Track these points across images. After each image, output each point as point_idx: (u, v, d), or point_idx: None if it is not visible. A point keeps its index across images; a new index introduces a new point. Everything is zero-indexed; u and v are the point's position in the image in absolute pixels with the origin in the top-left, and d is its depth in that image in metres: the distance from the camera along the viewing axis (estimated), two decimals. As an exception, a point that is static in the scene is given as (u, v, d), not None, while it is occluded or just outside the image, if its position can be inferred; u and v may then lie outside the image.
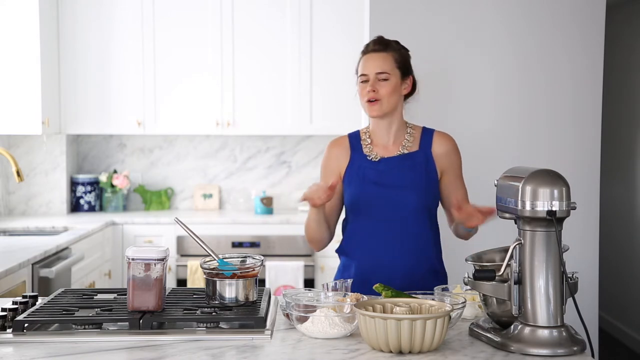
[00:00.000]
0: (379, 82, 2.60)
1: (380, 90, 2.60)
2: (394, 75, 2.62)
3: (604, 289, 5.46)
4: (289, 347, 1.97)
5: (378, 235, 2.63)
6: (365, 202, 2.63)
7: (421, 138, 2.68)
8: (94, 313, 2.16)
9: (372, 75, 2.61)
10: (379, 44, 2.65)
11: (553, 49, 3.61)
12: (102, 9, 5.33)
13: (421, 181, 2.63)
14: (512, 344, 1.93)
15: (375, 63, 2.61)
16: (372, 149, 2.67)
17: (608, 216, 5.76)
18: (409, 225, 2.62)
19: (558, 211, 1.93)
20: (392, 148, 2.67)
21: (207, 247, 2.30)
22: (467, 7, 3.60)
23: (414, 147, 2.67)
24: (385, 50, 2.63)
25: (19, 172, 3.82)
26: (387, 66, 2.61)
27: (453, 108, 3.61)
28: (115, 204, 5.56)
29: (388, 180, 2.62)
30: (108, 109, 5.37)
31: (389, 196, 2.61)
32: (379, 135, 2.68)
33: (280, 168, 5.78)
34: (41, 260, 3.74)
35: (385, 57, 2.62)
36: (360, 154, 2.67)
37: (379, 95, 2.60)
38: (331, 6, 5.33)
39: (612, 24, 5.54)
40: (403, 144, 2.66)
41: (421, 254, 2.65)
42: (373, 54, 2.64)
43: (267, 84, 5.39)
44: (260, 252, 5.08)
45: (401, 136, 2.68)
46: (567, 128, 3.64)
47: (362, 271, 2.63)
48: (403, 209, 2.61)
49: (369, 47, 2.67)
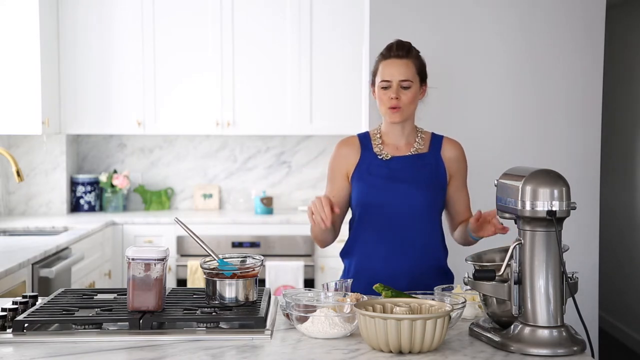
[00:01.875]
0: (401, 90, 2.60)
1: (403, 97, 2.59)
2: (415, 82, 2.62)
3: (604, 289, 5.46)
4: (289, 347, 1.97)
5: (387, 233, 2.62)
6: (376, 200, 2.62)
7: (431, 142, 2.70)
8: (94, 313, 2.16)
9: (395, 82, 2.59)
10: (401, 49, 2.62)
11: (553, 49, 3.61)
12: (102, 9, 5.33)
13: (432, 180, 2.64)
14: (512, 344, 1.93)
15: (399, 70, 2.59)
16: (382, 148, 2.67)
17: (608, 216, 5.76)
18: (420, 222, 2.62)
19: (558, 211, 1.93)
20: (404, 149, 2.67)
21: (207, 247, 2.30)
22: (467, 8, 3.60)
23: (425, 149, 2.68)
24: (407, 56, 2.62)
25: (19, 172, 3.82)
26: (410, 74, 2.60)
27: (453, 108, 3.61)
28: (115, 204, 5.56)
29: (399, 176, 2.61)
30: (108, 109, 5.37)
31: (400, 190, 2.60)
32: (391, 136, 2.69)
33: (280, 168, 5.79)
34: (41, 260, 3.74)
35: (407, 64, 2.61)
36: (371, 152, 2.67)
37: (400, 103, 2.59)
38: (331, 6, 5.33)
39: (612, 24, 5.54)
40: (414, 146, 2.67)
41: (431, 253, 2.65)
42: (396, 60, 2.61)
43: (267, 84, 5.39)
44: (260, 252, 5.08)
45: (412, 139, 2.69)
46: (567, 128, 3.64)
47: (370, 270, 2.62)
48: (414, 204, 2.60)
49: (391, 51, 2.63)
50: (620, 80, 5.91)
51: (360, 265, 2.67)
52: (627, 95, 5.83)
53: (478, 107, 3.63)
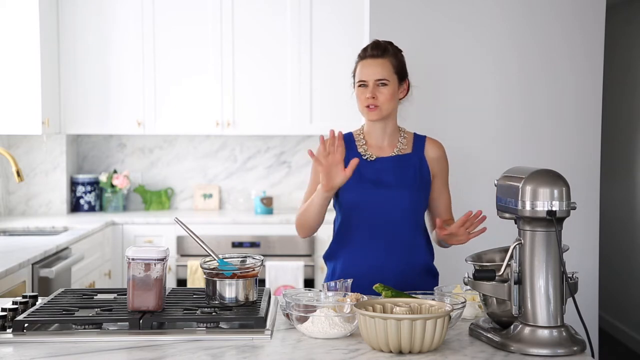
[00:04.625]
0: (377, 88, 2.62)
1: (379, 96, 2.62)
2: (392, 81, 2.63)
3: (604, 289, 5.46)
4: (289, 347, 1.97)
5: (375, 234, 2.64)
6: (365, 202, 2.64)
7: (414, 142, 2.72)
8: (94, 313, 2.16)
9: (371, 81, 2.62)
10: (376, 49, 2.65)
11: (553, 49, 3.61)
12: (102, 9, 5.33)
13: (415, 182, 2.66)
14: (512, 344, 1.93)
15: (374, 70, 2.62)
16: (367, 149, 2.69)
17: (608, 216, 5.76)
18: (406, 223, 2.64)
19: (558, 211, 1.93)
20: (387, 149, 2.70)
21: (207, 247, 2.30)
22: (467, 8, 3.60)
23: (408, 149, 2.71)
24: (383, 56, 2.64)
25: (19, 172, 3.82)
26: (386, 73, 2.62)
27: (453, 108, 3.61)
28: (115, 204, 5.56)
29: (385, 180, 2.64)
30: (108, 109, 5.37)
31: (387, 195, 2.63)
32: (374, 136, 2.71)
33: (280, 168, 5.78)
34: (41, 260, 3.74)
35: (383, 64, 2.63)
36: (355, 153, 2.68)
37: (377, 102, 2.62)
38: (331, 6, 5.33)
39: (612, 24, 5.54)
40: (397, 146, 2.70)
41: (417, 253, 2.67)
42: (371, 59, 2.64)
43: (267, 84, 5.39)
44: (260, 252, 5.08)
45: (395, 138, 2.71)
46: (567, 128, 3.64)
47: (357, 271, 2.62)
48: (400, 207, 2.63)
49: (366, 52, 2.67)
50: (620, 80, 5.91)
51: (346, 267, 2.67)
52: (627, 95, 5.83)
53: (478, 107, 3.63)
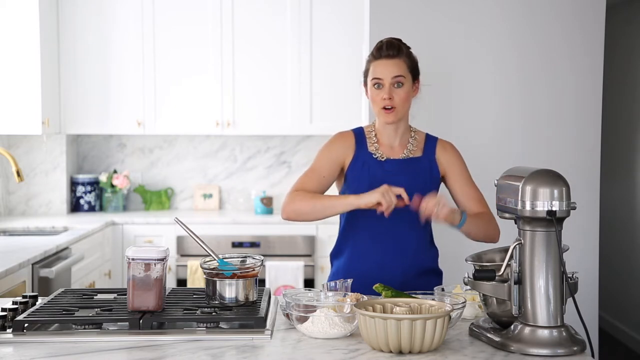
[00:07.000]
0: (393, 89, 2.59)
1: (396, 97, 2.59)
2: (407, 79, 2.61)
3: (604, 289, 5.46)
4: (289, 347, 1.97)
5: (380, 235, 2.63)
6: None
7: (425, 144, 2.70)
8: (94, 313, 2.16)
9: (387, 81, 2.58)
10: (391, 48, 2.61)
11: (553, 49, 3.61)
12: (102, 9, 5.33)
13: (425, 185, 2.64)
14: (512, 344, 1.93)
15: (391, 69, 2.59)
16: (378, 147, 2.67)
17: (608, 216, 5.76)
18: (413, 226, 2.63)
19: (558, 211, 1.93)
20: (398, 149, 2.67)
21: (207, 247, 2.30)
22: (468, 8, 3.60)
23: (418, 152, 2.68)
24: (398, 55, 2.61)
25: (19, 172, 3.82)
26: (402, 71, 2.59)
27: (453, 108, 3.61)
28: (115, 204, 5.56)
29: (394, 181, 2.59)
30: (108, 109, 5.37)
31: None
32: (385, 135, 2.68)
33: (280, 168, 5.78)
34: (41, 260, 3.74)
35: (398, 64, 2.60)
36: (365, 151, 2.67)
37: (394, 103, 2.58)
38: (331, 6, 5.33)
39: (612, 24, 5.54)
40: (408, 148, 2.67)
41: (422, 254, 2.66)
42: (387, 60, 2.60)
43: (267, 84, 5.39)
44: (260, 252, 5.08)
45: (406, 139, 2.69)
46: (567, 128, 3.64)
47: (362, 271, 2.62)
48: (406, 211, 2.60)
49: (381, 52, 2.62)
50: (620, 80, 5.91)
51: (352, 266, 2.67)
52: (627, 95, 5.83)
53: (478, 107, 3.63)
